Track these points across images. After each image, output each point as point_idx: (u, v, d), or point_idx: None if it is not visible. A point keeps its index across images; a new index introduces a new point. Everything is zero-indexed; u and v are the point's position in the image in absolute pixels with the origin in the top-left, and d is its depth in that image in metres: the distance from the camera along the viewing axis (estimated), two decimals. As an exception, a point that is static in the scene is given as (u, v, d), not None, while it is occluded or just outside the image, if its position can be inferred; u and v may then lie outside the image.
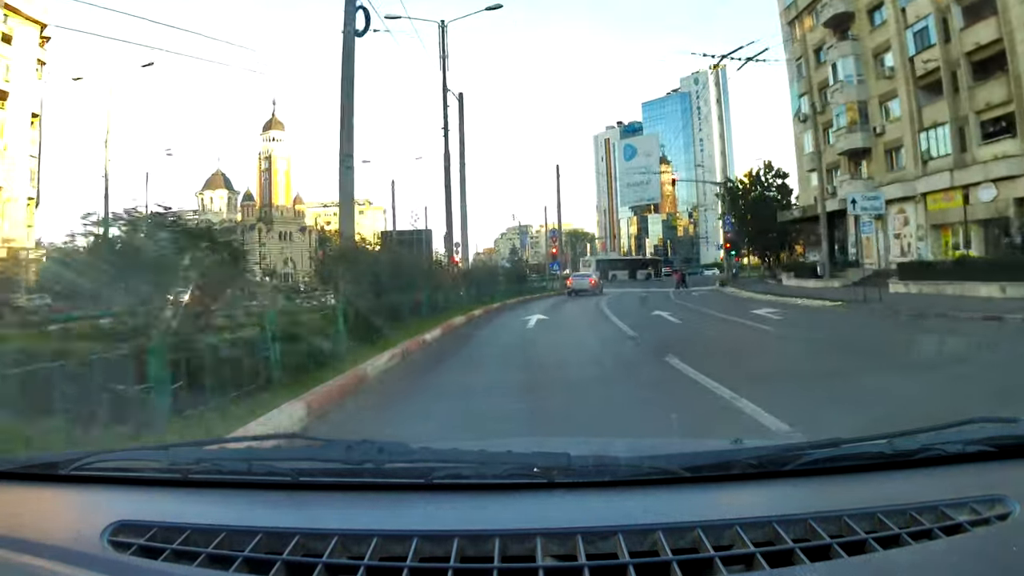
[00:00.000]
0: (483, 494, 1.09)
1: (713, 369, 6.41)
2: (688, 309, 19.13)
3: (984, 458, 1.15)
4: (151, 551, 0.91)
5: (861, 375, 6.44)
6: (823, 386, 5.83)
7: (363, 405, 5.73)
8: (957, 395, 5.02)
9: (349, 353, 7.28)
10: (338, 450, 1.20)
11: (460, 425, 4.65)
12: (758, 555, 0.85)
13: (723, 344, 10.85)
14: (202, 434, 3.65)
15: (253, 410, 4.44)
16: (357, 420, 5.23)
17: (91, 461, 1.18)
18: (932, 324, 12.15)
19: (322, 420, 4.87)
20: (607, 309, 18.92)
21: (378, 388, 6.62)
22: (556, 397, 5.79)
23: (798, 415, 4.28)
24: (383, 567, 0.87)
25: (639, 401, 5.53)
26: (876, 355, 8.55)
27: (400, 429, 4.64)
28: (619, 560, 0.86)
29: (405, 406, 5.93)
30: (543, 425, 4.60)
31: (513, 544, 0.90)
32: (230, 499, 1.12)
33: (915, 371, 6.94)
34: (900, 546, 0.88)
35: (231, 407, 4.51)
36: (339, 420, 5.05)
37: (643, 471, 1.13)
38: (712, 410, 4.89)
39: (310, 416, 4.79)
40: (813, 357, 8.84)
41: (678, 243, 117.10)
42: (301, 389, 5.28)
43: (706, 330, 13.41)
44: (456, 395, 6.11)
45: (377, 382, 6.87)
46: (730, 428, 4.15)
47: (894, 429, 1.22)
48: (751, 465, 1.11)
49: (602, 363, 8.42)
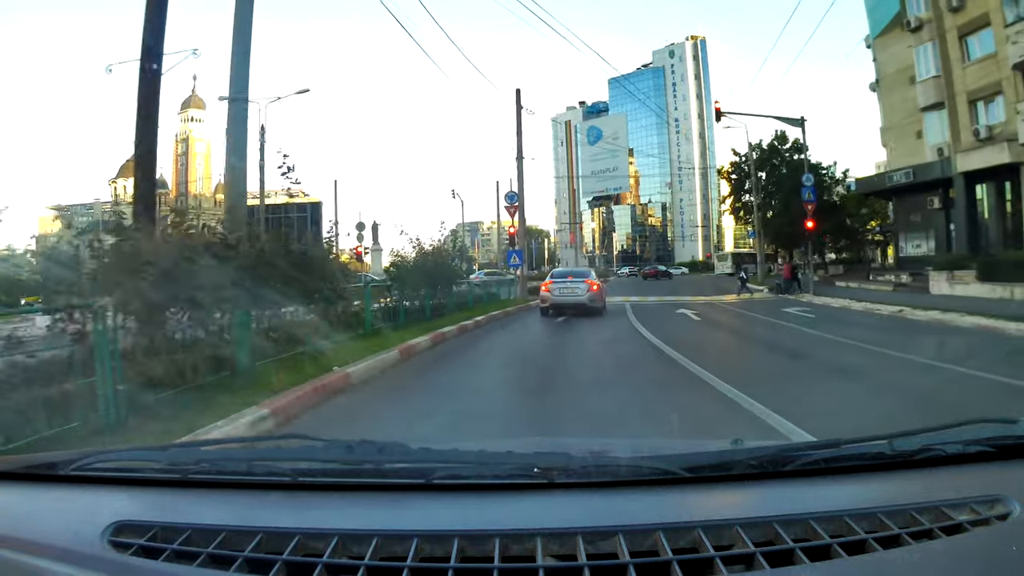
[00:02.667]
0: (483, 494, 1.09)
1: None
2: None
3: (984, 458, 1.16)
4: (151, 551, 0.91)
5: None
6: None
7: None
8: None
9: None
10: (338, 450, 1.20)
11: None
12: (758, 555, 0.85)
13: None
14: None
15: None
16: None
17: (91, 461, 1.18)
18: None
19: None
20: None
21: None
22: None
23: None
24: (383, 567, 0.87)
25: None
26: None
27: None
28: (619, 560, 0.86)
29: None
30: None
31: (513, 544, 0.90)
32: (230, 499, 1.12)
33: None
34: (900, 546, 0.88)
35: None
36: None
37: (643, 471, 1.13)
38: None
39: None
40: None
41: (649, 239, 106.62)
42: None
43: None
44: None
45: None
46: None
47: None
48: (751, 465, 1.11)
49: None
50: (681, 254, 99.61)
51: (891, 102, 24.84)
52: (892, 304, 15.56)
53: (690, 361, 7.56)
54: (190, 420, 4.27)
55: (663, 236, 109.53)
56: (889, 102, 24.92)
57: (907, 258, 24.88)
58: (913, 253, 24.58)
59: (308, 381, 5.91)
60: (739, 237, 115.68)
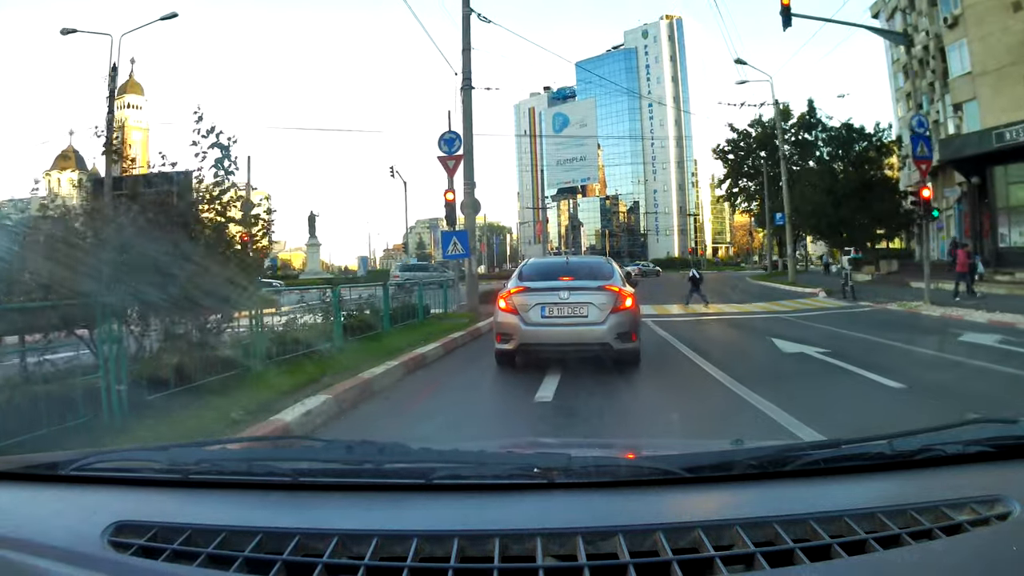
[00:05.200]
0: (483, 494, 1.09)
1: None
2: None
3: (984, 458, 1.16)
4: (151, 551, 0.92)
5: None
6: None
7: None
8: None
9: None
10: (338, 450, 1.21)
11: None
12: (758, 555, 0.85)
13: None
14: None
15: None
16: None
17: (91, 461, 1.19)
18: None
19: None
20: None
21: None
22: None
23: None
24: (383, 567, 0.87)
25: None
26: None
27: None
28: (619, 560, 0.86)
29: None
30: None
31: (513, 544, 0.90)
32: (230, 499, 1.12)
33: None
34: (900, 546, 0.88)
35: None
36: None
37: (643, 471, 1.14)
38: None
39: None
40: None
41: (620, 234, 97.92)
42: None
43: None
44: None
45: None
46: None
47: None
48: (751, 465, 1.11)
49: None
50: (656, 250, 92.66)
51: (983, 38, 18.97)
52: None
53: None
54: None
55: (635, 231, 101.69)
56: (980, 38, 19.03)
57: (1012, 250, 18.75)
58: (1020, 243, 18.69)
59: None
60: (717, 232, 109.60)
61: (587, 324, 6.61)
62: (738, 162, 34.96)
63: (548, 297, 6.74)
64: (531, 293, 6.82)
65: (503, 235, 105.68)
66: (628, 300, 6.77)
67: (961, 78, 20.96)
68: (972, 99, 20.62)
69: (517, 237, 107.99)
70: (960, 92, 21.03)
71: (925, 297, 14.32)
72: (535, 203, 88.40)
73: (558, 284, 6.87)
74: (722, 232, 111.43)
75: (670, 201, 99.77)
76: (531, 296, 6.78)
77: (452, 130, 15.01)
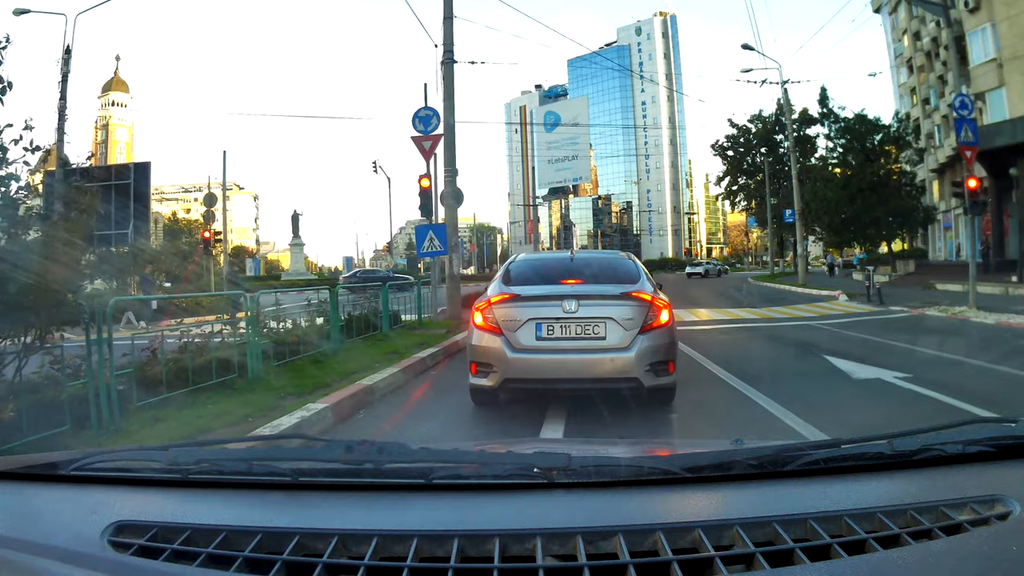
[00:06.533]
0: (483, 494, 1.09)
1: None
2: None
3: (984, 459, 1.16)
4: (151, 551, 0.92)
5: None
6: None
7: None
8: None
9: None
10: (338, 450, 1.21)
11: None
12: (758, 555, 0.85)
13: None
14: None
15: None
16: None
17: (91, 461, 1.19)
18: None
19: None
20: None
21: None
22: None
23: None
24: (383, 567, 0.87)
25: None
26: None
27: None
28: (619, 560, 0.86)
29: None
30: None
31: (513, 544, 0.90)
32: (230, 499, 1.12)
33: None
34: (900, 546, 0.88)
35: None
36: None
37: (643, 471, 1.14)
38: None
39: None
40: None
41: (612, 235, 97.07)
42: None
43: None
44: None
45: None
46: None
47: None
48: (751, 465, 1.11)
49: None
50: (649, 251, 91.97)
51: (1012, 18, 17.25)
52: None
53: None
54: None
55: (628, 231, 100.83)
56: (1008, 18, 17.26)
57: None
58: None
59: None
60: (711, 232, 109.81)
61: (605, 350, 4.60)
62: (738, 159, 33.97)
63: (546, 309, 4.68)
64: (521, 303, 4.76)
65: (493, 236, 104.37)
66: (663, 313, 4.73)
67: (984, 65, 19.29)
68: (998, 87, 18.98)
69: (508, 238, 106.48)
70: (983, 80, 19.32)
71: (971, 301, 12.70)
72: (525, 199, 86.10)
73: (561, 290, 4.82)
74: (716, 232, 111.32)
75: (664, 201, 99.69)
76: (521, 308, 4.73)
77: (429, 106, 13.00)
